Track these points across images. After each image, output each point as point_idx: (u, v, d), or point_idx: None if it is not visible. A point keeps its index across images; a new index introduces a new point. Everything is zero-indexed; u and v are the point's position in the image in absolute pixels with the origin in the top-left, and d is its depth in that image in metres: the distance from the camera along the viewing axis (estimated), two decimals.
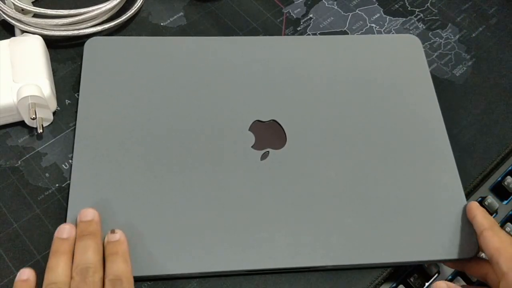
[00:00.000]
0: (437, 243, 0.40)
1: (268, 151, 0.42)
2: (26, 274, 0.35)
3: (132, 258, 0.37)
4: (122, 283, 0.34)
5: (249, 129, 0.43)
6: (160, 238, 0.38)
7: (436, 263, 0.41)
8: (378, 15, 0.54)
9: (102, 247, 0.36)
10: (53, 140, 0.43)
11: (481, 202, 0.44)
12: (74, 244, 0.36)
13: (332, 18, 0.53)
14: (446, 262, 0.40)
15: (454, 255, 0.39)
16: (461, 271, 0.41)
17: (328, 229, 0.39)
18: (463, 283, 0.41)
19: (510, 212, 0.44)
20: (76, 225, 0.37)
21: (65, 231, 0.37)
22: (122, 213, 0.39)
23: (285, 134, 0.43)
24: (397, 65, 0.48)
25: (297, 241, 0.39)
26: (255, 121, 0.44)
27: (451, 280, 0.41)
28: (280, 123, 0.44)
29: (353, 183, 0.42)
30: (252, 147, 0.43)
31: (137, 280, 0.38)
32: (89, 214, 0.37)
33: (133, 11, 0.49)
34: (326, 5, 0.54)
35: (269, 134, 0.43)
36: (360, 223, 0.40)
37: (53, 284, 0.34)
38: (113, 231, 0.37)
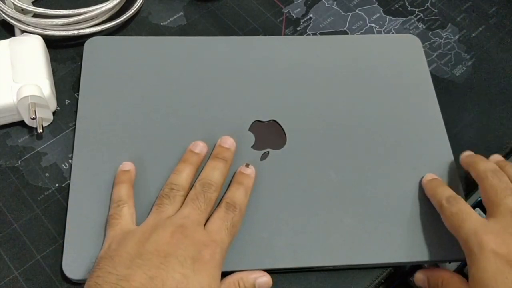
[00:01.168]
0: (437, 243, 0.39)
1: (268, 151, 0.42)
2: (128, 166, 0.39)
3: None
4: (235, 210, 0.37)
5: (249, 129, 0.43)
6: None
7: (436, 263, 0.41)
8: (378, 15, 0.54)
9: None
10: (53, 140, 0.43)
11: (481, 202, 0.44)
12: (201, 164, 0.40)
13: (332, 18, 0.53)
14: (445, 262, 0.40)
15: (454, 256, 0.39)
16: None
17: (328, 229, 0.39)
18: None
19: None
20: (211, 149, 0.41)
21: (198, 146, 0.40)
22: None
23: (285, 134, 0.43)
24: (397, 65, 0.48)
25: (297, 241, 0.39)
26: (255, 121, 0.44)
27: None
28: (280, 123, 0.44)
29: (353, 183, 0.42)
30: (252, 147, 0.43)
31: None
32: (229, 141, 0.41)
33: (133, 11, 0.49)
34: (326, 5, 0.54)
35: (269, 134, 0.43)
36: (360, 223, 0.40)
37: (174, 185, 0.38)
38: (247, 165, 0.40)
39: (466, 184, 0.44)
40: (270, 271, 0.39)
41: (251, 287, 0.36)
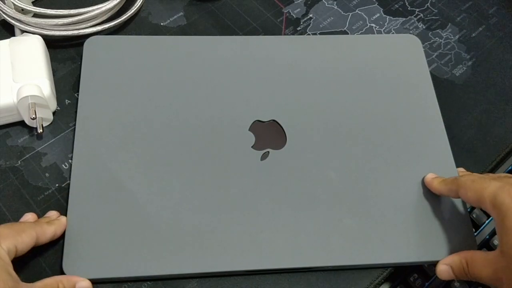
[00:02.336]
0: (437, 244, 0.40)
1: (268, 151, 0.42)
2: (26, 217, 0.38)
3: (132, 258, 0.37)
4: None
5: (249, 129, 0.43)
6: (160, 238, 0.38)
7: (436, 263, 0.41)
8: (378, 15, 0.54)
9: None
10: (53, 140, 0.43)
11: None
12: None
13: (332, 18, 0.53)
14: None
15: None
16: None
17: (328, 229, 0.39)
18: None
19: None
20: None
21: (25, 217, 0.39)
22: (122, 212, 0.39)
23: (285, 134, 0.43)
24: (397, 65, 0.48)
25: (297, 241, 0.39)
26: (255, 121, 0.44)
27: None
28: (280, 123, 0.44)
29: (353, 184, 0.42)
30: (252, 147, 0.43)
31: (137, 280, 0.38)
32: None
33: (133, 11, 0.49)
34: (326, 5, 0.54)
35: (269, 134, 0.43)
36: (360, 223, 0.40)
37: None
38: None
39: None
40: (270, 271, 0.39)
41: None
